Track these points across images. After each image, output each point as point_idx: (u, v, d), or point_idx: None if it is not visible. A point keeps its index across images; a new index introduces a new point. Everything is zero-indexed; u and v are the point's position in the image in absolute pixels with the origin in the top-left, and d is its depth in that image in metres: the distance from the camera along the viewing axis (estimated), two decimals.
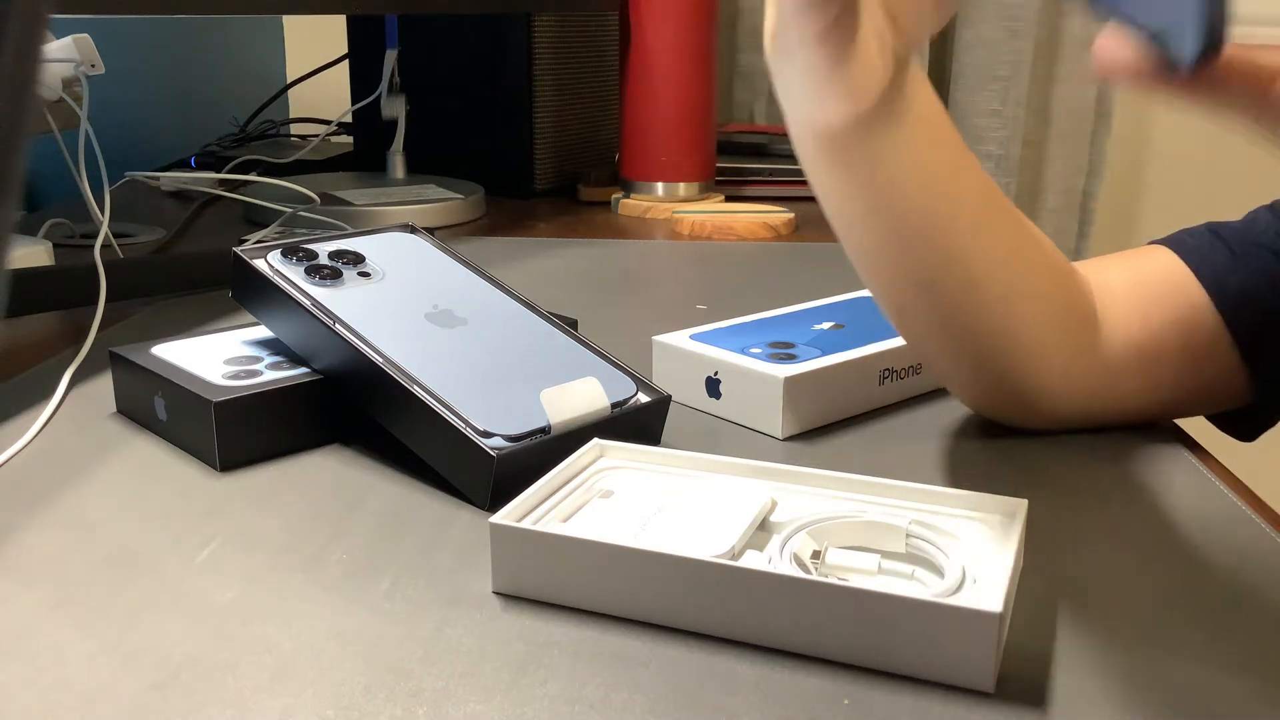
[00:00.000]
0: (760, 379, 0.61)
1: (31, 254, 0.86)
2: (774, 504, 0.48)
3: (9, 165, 0.20)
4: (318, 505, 0.53)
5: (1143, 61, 0.33)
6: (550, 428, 0.54)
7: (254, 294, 0.61)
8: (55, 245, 0.90)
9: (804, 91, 0.47)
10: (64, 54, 0.89)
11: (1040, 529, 0.51)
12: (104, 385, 0.64)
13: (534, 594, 0.45)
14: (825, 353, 0.63)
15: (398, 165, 1.26)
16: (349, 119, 1.40)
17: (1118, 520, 0.51)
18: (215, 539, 0.50)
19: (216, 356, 0.61)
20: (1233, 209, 0.65)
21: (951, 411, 0.64)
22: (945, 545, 0.44)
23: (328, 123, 1.47)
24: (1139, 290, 0.59)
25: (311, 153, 1.42)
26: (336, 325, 0.57)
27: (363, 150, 1.40)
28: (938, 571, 0.44)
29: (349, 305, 0.59)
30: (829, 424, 0.63)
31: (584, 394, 0.56)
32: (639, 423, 0.58)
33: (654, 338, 0.67)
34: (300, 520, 0.51)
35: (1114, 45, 0.34)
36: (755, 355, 0.63)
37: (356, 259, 0.64)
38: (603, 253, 1.05)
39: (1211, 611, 0.44)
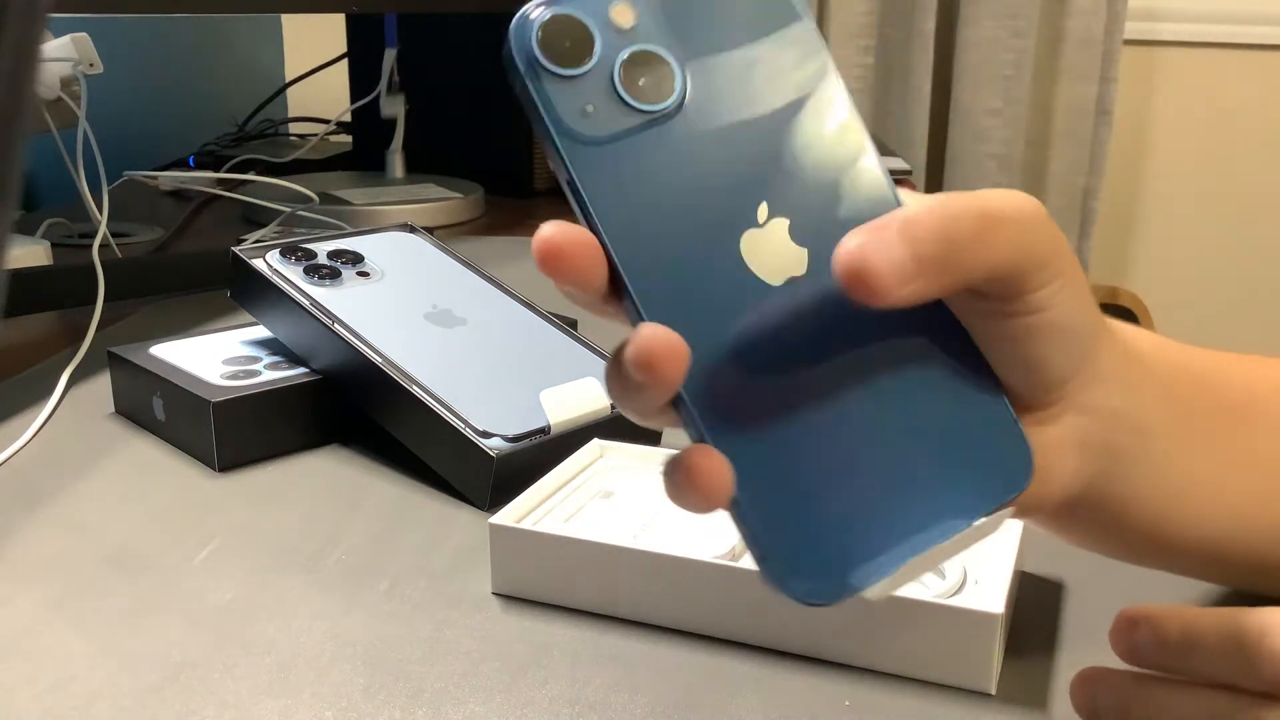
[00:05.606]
0: None
1: (29, 254, 0.85)
2: None
3: (7, 165, 0.20)
4: (317, 505, 0.53)
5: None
6: (550, 428, 0.54)
7: (252, 294, 0.61)
8: (53, 245, 0.89)
9: None
10: (62, 53, 0.88)
11: (1041, 530, 0.50)
12: (102, 385, 0.64)
13: (534, 595, 0.44)
14: None
15: (397, 164, 1.25)
16: (348, 118, 1.40)
17: None
18: (214, 539, 0.49)
19: (215, 356, 0.61)
20: (1233, 208, 0.65)
21: None
22: None
23: (326, 122, 1.47)
24: None
25: (310, 152, 1.41)
26: (335, 325, 0.57)
27: (362, 149, 1.40)
28: (938, 572, 0.44)
29: (348, 305, 0.59)
30: None
31: (584, 394, 0.56)
32: None
33: None
34: (299, 520, 0.51)
35: None
36: None
37: (355, 258, 0.63)
38: None
39: None
